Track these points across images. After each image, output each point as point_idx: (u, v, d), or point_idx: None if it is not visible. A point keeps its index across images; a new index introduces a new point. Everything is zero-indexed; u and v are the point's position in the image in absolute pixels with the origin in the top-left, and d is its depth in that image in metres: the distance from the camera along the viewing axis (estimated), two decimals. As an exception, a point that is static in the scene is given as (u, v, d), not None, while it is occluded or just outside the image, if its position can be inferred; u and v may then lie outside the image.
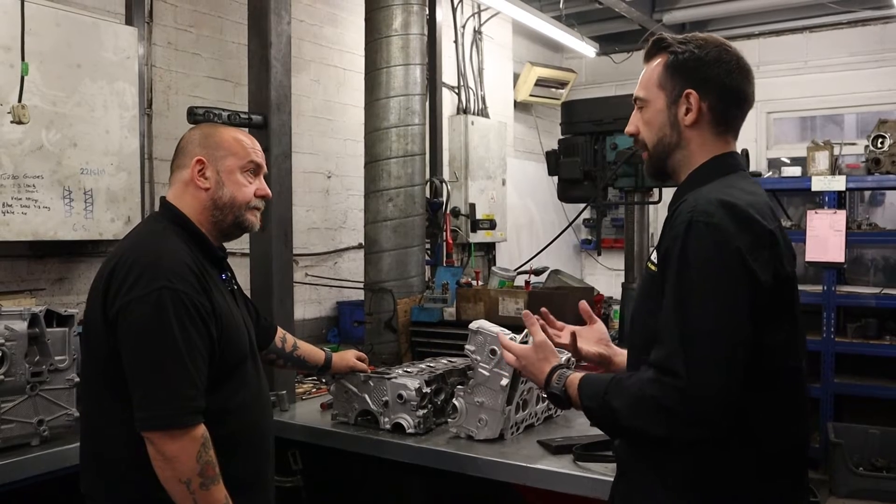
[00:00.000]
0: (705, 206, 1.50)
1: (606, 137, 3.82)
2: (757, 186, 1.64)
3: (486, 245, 6.15)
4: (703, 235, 1.47)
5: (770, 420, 1.53)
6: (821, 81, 6.98)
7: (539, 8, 6.06)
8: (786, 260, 1.55)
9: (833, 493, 4.89)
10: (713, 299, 1.45)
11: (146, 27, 3.87)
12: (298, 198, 4.35)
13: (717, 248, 1.46)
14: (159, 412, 1.73)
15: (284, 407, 2.92)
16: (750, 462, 1.53)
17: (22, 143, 3.09)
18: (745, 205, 1.51)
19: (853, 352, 5.27)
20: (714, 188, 1.58)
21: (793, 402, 1.59)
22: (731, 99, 1.65)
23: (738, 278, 1.45)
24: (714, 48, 1.64)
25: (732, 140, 1.70)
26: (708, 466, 1.52)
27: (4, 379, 2.27)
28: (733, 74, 1.63)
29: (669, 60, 1.66)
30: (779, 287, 1.51)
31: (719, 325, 1.44)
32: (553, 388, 1.70)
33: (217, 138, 1.99)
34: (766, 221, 1.52)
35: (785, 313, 1.54)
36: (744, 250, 1.46)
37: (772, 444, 1.54)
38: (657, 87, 1.67)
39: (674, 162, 1.69)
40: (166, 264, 1.81)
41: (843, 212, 5.23)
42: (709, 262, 1.46)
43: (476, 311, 3.42)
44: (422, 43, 3.86)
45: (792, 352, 1.56)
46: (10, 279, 3.36)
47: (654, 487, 1.58)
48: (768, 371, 1.52)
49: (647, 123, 1.70)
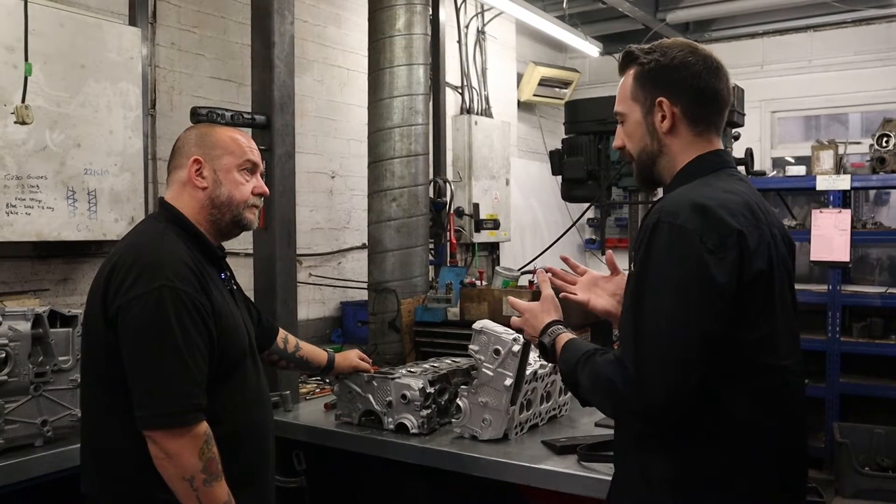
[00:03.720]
0: (672, 206, 1.53)
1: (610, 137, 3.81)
2: (739, 184, 1.64)
3: (490, 245, 6.14)
4: (666, 236, 1.50)
5: (751, 419, 1.54)
6: (825, 80, 6.96)
7: (542, 8, 6.06)
8: (759, 258, 1.53)
9: (839, 493, 4.87)
10: (669, 299, 1.48)
11: (150, 28, 3.87)
12: (302, 198, 4.34)
13: (678, 248, 1.49)
14: (161, 410, 1.73)
15: (288, 407, 2.92)
16: (732, 460, 1.53)
17: (26, 144, 3.09)
18: (714, 205, 1.51)
19: (859, 351, 5.24)
20: (689, 189, 1.60)
21: (775, 401, 1.57)
22: (703, 99, 1.66)
23: (697, 279, 1.47)
24: (679, 52, 1.66)
25: (716, 138, 1.70)
26: (690, 464, 1.54)
27: (8, 379, 2.28)
28: (701, 75, 1.64)
29: (638, 72, 1.69)
30: (750, 285, 1.50)
31: (672, 325, 1.47)
32: (543, 339, 1.80)
33: (213, 137, 2.00)
34: (735, 220, 1.51)
35: (760, 311, 1.53)
36: (705, 251, 1.47)
37: (754, 443, 1.55)
38: (632, 100, 1.71)
39: (659, 169, 1.71)
40: (166, 263, 1.81)
41: (847, 211, 5.21)
42: (668, 263, 1.49)
43: (480, 311, 3.41)
44: (425, 43, 3.85)
45: (771, 350, 1.56)
46: (14, 280, 3.36)
47: (639, 484, 1.61)
48: (747, 369, 1.53)
49: (629, 136, 1.74)
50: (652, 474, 1.58)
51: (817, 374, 5.29)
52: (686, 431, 1.54)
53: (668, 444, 1.55)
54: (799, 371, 1.65)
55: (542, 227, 7.22)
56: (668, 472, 1.56)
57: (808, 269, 5.89)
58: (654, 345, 1.47)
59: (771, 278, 1.56)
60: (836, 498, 4.84)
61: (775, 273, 1.57)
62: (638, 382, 1.47)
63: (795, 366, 1.63)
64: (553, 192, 6.42)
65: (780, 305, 1.58)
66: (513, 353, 2.39)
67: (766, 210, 1.64)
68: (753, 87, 6.35)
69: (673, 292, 1.48)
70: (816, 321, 5.31)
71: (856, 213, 5.90)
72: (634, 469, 1.63)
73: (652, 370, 1.47)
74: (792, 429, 1.62)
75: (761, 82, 7.03)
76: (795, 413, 1.63)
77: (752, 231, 1.53)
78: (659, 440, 1.57)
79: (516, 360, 2.39)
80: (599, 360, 1.59)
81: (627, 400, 1.50)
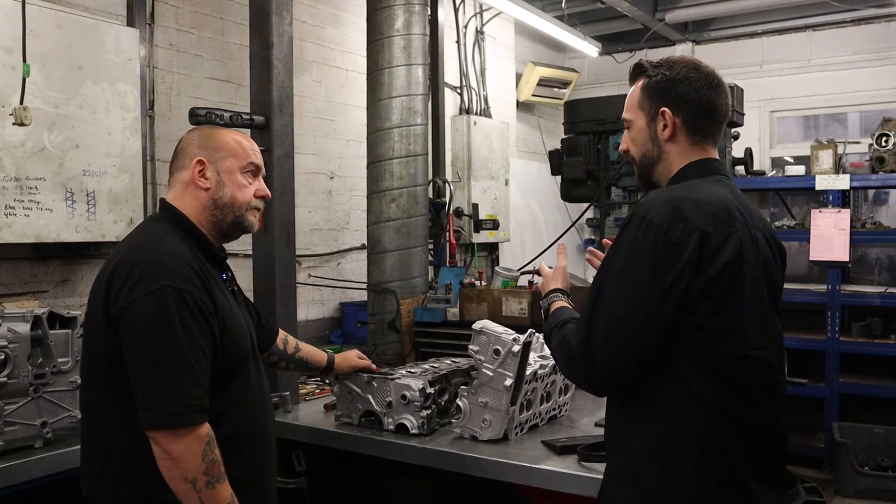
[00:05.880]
0: (647, 203, 1.70)
1: (609, 137, 3.82)
2: (723, 189, 1.76)
3: (490, 245, 6.14)
4: (635, 228, 1.66)
5: (716, 398, 1.65)
6: (824, 80, 6.96)
7: (541, 8, 6.05)
8: (725, 255, 1.63)
9: (838, 492, 4.87)
10: (625, 286, 1.64)
11: (148, 29, 3.86)
12: (301, 199, 4.34)
13: (642, 239, 1.63)
14: (164, 411, 1.73)
15: (288, 408, 2.92)
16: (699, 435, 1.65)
17: (24, 145, 3.09)
18: (684, 204, 1.65)
19: (858, 351, 5.25)
20: (671, 189, 1.78)
21: (743, 388, 1.67)
22: (702, 112, 1.81)
23: (653, 269, 1.61)
24: (683, 68, 1.81)
25: (711, 148, 1.85)
26: (664, 441, 1.66)
27: (7, 381, 2.27)
28: (702, 90, 1.79)
29: (645, 83, 1.85)
30: (713, 279, 1.61)
31: (625, 310, 1.63)
32: (542, 303, 2.04)
33: (217, 139, 2.00)
34: (701, 219, 1.63)
35: (722, 302, 1.64)
36: (667, 245, 1.60)
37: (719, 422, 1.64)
38: (638, 108, 1.87)
39: (657, 173, 1.86)
40: (168, 263, 1.81)
41: (847, 210, 5.22)
42: (631, 252, 1.65)
43: (479, 312, 3.41)
44: (424, 43, 3.85)
45: (736, 339, 1.66)
46: (13, 281, 3.35)
47: (623, 464, 1.74)
48: (711, 354, 1.65)
49: (633, 141, 1.89)
50: (634, 450, 1.71)
51: (817, 374, 5.30)
52: (659, 407, 1.67)
53: (645, 418, 1.69)
54: (771, 363, 1.74)
55: (542, 228, 7.22)
56: (649, 448, 1.69)
57: (808, 268, 5.90)
58: (603, 325, 1.65)
59: (739, 274, 1.66)
60: (836, 497, 4.85)
61: (745, 269, 1.67)
62: (584, 355, 1.68)
63: (767, 357, 1.73)
64: (552, 192, 6.42)
65: (750, 300, 1.68)
66: (513, 353, 2.39)
67: (749, 213, 1.76)
68: (752, 86, 6.36)
69: (630, 280, 1.63)
70: (816, 321, 5.32)
71: (855, 213, 5.90)
72: (619, 446, 1.76)
73: (597, 347, 1.65)
74: (762, 417, 1.71)
75: (760, 82, 7.03)
76: (765, 403, 1.72)
77: (720, 230, 1.65)
78: (636, 416, 1.71)
79: (516, 360, 2.39)
80: (570, 327, 1.80)
81: (578, 366, 1.71)
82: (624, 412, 1.76)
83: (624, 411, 1.75)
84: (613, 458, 1.81)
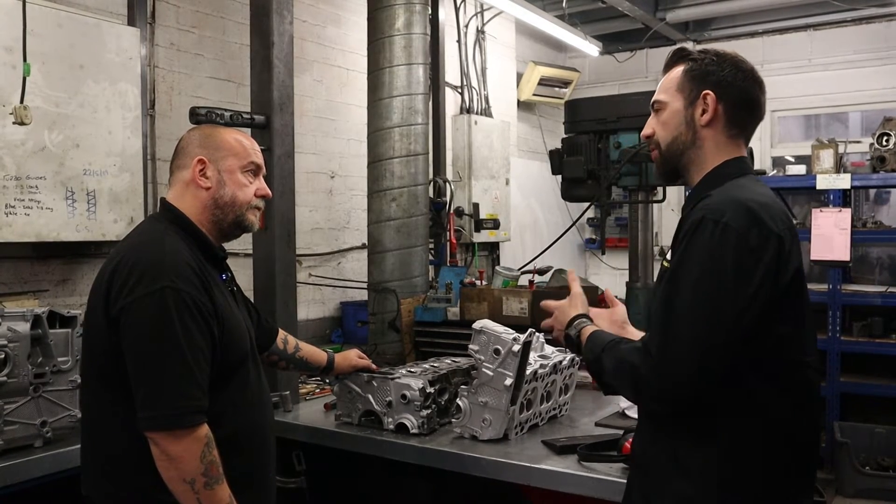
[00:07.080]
0: (718, 205, 1.60)
1: (610, 136, 3.80)
2: (769, 190, 1.74)
3: (490, 245, 6.14)
4: (710, 233, 1.57)
5: (777, 412, 1.61)
6: (825, 79, 6.95)
7: (542, 7, 6.04)
8: (794, 260, 1.62)
9: (839, 492, 4.87)
10: (705, 289, 1.55)
11: (148, 28, 3.86)
12: (301, 198, 4.34)
13: (720, 244, 1.55)
14: (163, 412, 1.73)
15: (288, 407, 2.92)
16: (768, 453, 1.60)
17: (24, 145, 3.09)
18: (758, 207, 1.59)
19: (859, 351, 5.25)
20: (729, 188, 1.68)
21: (799, 396, 1.65)
22: (745, 104, 1.76)
23: (735, 274, 1.54)
24: (731, 58, 1.78)
25: (744, 146, 1.80)
26: (726, 457, 1.60)
27: (7, 380, 2.27)
28: (748, 83, 1.76)
29: (689, 66, 1.78)
30: (787, 285, 1.59)
31: (705, 312, 1.54)
32: (570, 331, 1.90)
33: (218, 139, 2.00)
34: (775, 224, 1.59)
35: (793, 309, 1.62)
36: (746, 249, 1.55)
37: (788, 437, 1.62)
38: (676, 90, 1.79)
39: (686, 160, 1.79)
40: (168, 264, 1.81)
41: (848, 210, 5.21)
42: (709, 257, 1.56)
43: (480, 311, 3.41)
44: (424, 42, 3.85)
45: (799, 346, 1.64)
46: (13, 280, 3.35)
47: (673, 478, 1.65)
48: (777, 364, 1.60)
49: (663, 124, 1.81)
50: (689, 465, 1.63)
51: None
52: (717, 421, 1.60)
53: (700, 432, 1.62)
54: (819, 369, 1.72)
55: (542, 227, 7.22)
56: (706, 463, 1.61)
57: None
58: (684, 329, 1.55)
59: (802, 279, 1.66)
60: (837, 497, 4.84)
61: (803, 274, 1.66)
62: (662, 364, 1.56)
63: (816, 363, 1.70)
64: (553, 192, 6.42)
65: (806, 304, 1.68)
66: (513, 352, 2.38)
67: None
68: (753, 86, 6.34)
69: (710, 284, 1.55)
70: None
71: (856, 212, 5.89)
72: (667, 461, 1.67)
73: (679, 351, 1.55)
74: (810, 424, 1.70)
75: (761, 81, 7.01)
76: (814, 409, 1.71)
77: (787, 234, 1.61)
78: (690, 428, 1.63)
79: (516, 359, 2.38)
80: (624, 347, 1.69)
81: (649, 383, 1.59)
82: (675, 426, 1.66)
83: (675, 425, 1.66)
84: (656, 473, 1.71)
